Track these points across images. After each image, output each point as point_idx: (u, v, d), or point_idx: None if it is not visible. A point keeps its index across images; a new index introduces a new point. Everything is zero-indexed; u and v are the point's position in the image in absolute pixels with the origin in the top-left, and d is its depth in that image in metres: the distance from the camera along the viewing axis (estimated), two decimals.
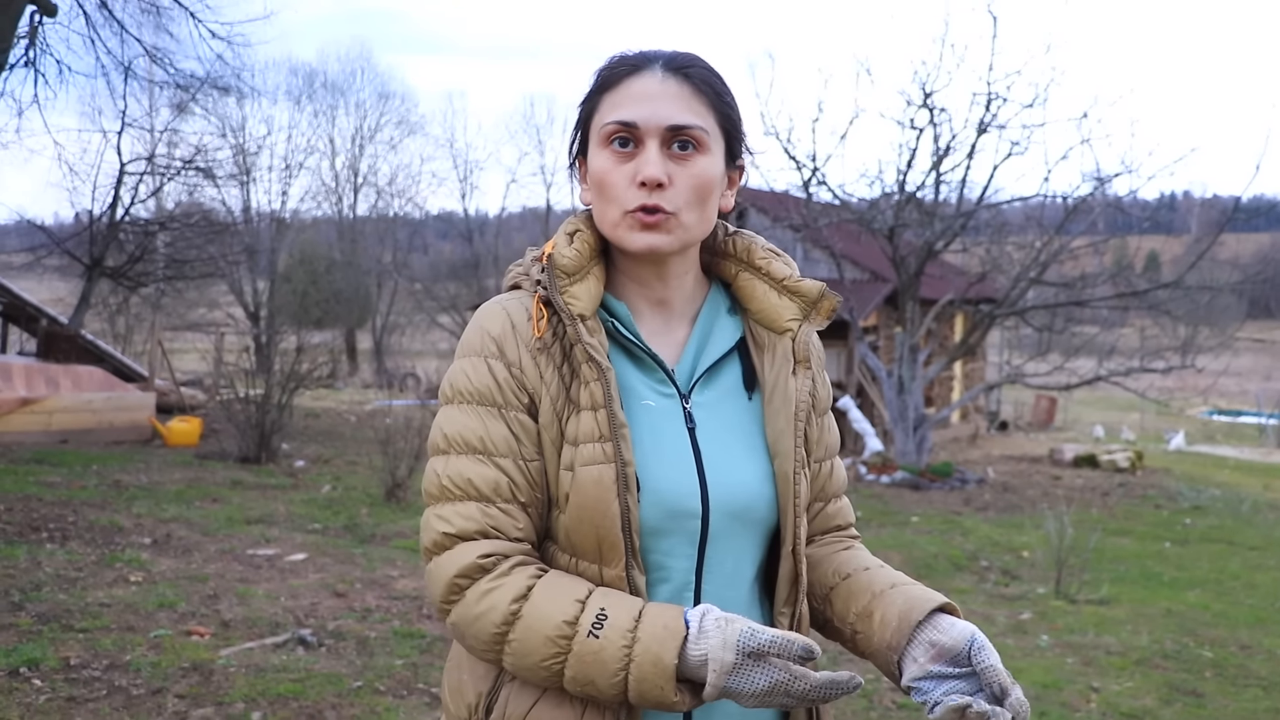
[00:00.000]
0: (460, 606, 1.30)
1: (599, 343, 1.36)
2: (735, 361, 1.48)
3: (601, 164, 1.39)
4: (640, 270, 1.45)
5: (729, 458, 1.41)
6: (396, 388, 28.12)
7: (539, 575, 1.30)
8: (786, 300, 1.47)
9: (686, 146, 1.37)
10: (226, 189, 28.07)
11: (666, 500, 1.35)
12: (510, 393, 1.36)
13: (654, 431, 1.38)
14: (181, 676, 4.61)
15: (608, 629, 1.23)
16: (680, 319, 1.48)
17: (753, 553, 1.43)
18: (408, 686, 4.74)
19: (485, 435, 1.34)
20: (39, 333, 16.70)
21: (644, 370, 1.42)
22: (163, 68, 14.53)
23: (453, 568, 1.30)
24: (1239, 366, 28.83)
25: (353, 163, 40.93)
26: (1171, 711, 5.11)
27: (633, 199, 1.36)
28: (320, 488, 10.43)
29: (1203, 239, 17.92)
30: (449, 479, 1.34)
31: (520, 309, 1.40)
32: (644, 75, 1.39)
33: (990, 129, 15.27)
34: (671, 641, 1.22)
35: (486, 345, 1.38)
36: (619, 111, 1.37)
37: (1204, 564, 9.39)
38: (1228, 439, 28.06)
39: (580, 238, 1.42)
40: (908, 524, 10.61)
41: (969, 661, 1.31)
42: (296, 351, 13.66)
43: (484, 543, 1.31)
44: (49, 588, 5.85)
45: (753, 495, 1.40)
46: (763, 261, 1.49)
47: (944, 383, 21.55)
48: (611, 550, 1.32)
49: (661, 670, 1.21)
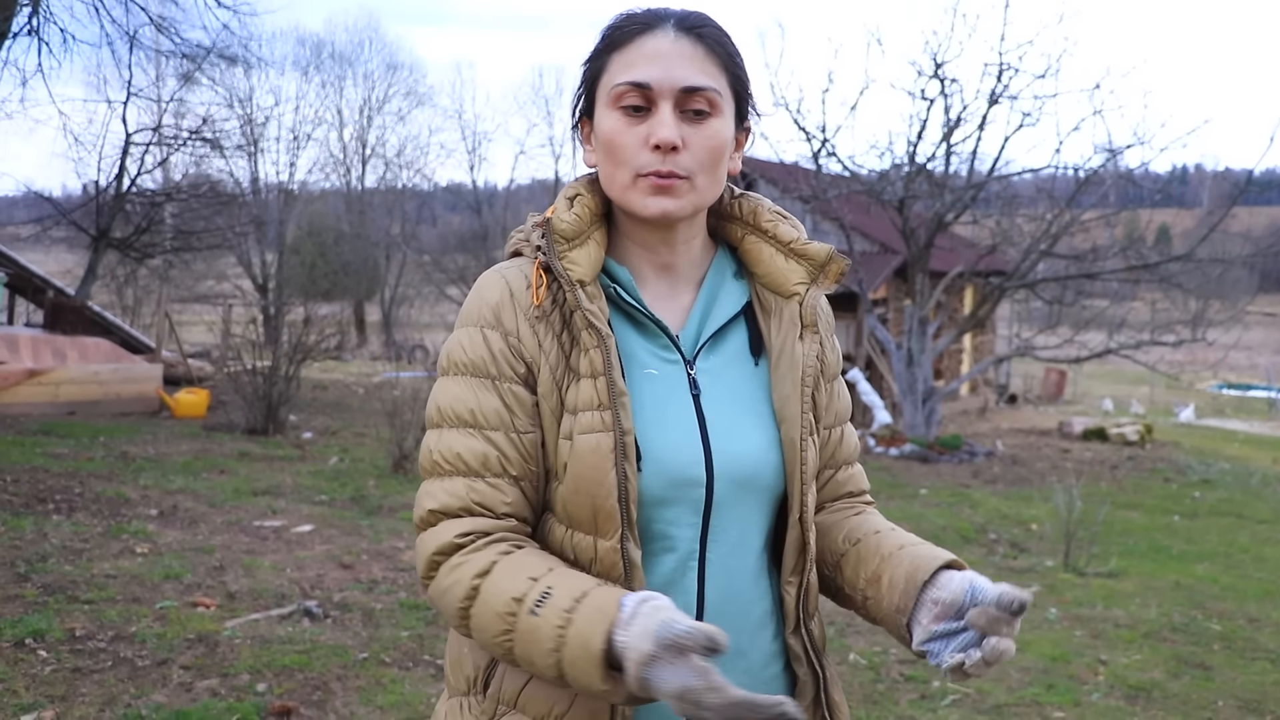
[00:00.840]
0: (435, 581, 1.29)
1: (599, 309, 1.32)
2: (741, 326, 1.44)
3: (612, 125, 1.34)
4: (646, 235, 1.41)
5: (734, 424, 1.37)
6: (405, 359, 28.19)
7: (508, 552, 1.27)
8: (794, 263, 1.44)
9: (700, 109, 1.33)
10: (234, 160, 28.03)
11: (669, 469, 1.32)
12: (505, 363, 1.33)
13: (656, 399, 1.35)
14: (187, 648, 4.61)
15: (547, 608, 1.19)
16: (686, 283, 1.44)
17: (760, 521, 1.39)
18: (413, 658, 4.73)
19: (476, 408, 1.32)
20: (46, 304, 16.70)
21: (647, 336, 1.38)
22: (168, 37, 14.48)
23: (433, 544, 1.29)
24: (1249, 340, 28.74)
25: (361, 134, 40.92)
26: (1180, 684, 5.09)
27: (645, 162, 1.32)
28: (327, 459, 10.42)
29: (1214, 212, 17.80)
30: (439, 453, 1.32)
31: (519, 276, 1.37)
32: (656, 34, 1.34)
33: (1002, 100, 15.17)
34: (602, 624, 1.16)
35: (483, 315, 1.35)
36: (631, 72, 1.33)
37: (1213, 537, 9.36)
38: (1237, 413, 28.02)
39: (581, 202, 1.38)
40: (916, 497, 10.59)
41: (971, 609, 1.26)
42: (304, 323, 13.64)
43: (464, 520, 1.29)
44: (55, 559, 5.85)
45: (758, 462, 1.37)
46: (769, 224, 1.45)
47: (953, 355, 21.49)
48: (607, 521, 1.29)
49: (589, 654, 1.15)
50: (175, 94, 19.91)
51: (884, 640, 5.30)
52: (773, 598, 1.42)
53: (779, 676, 1.43)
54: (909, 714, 4.50)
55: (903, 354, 15.45)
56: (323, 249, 35.43)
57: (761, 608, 1.40)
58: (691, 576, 1.34)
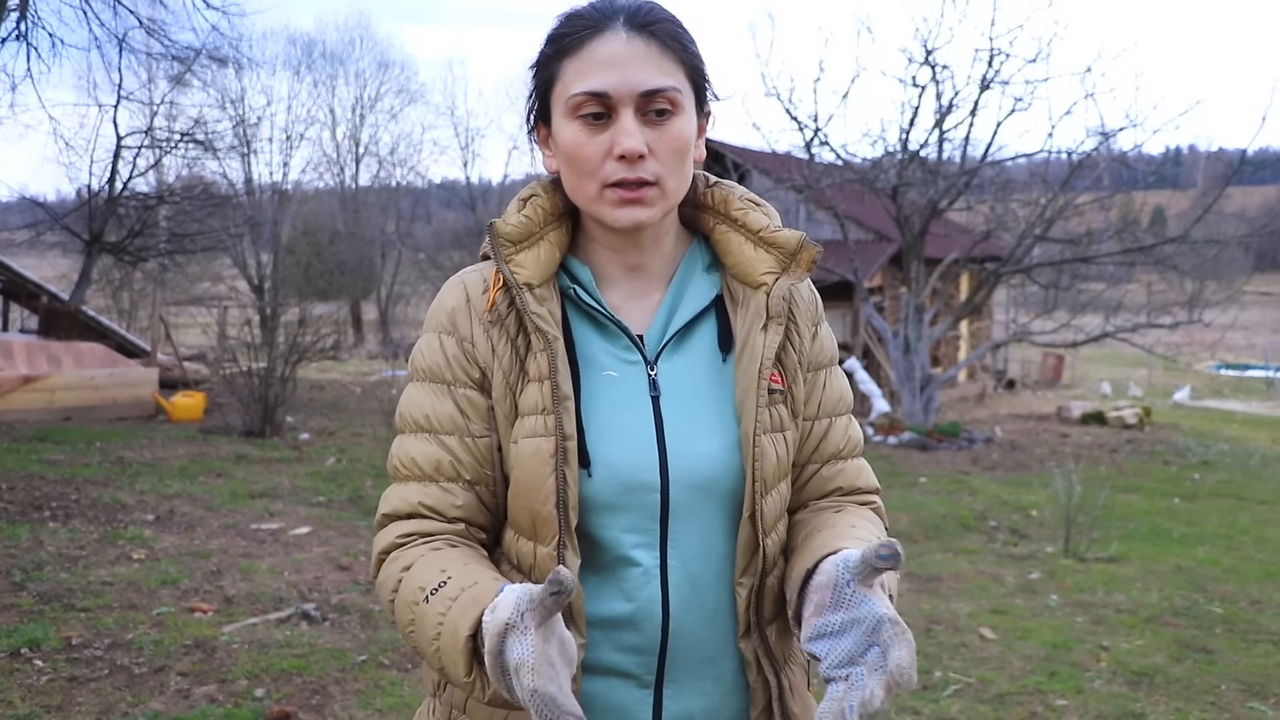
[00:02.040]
0: (377, 579, 1.31)
1: (547, 311, 1.30)
2: (711, 321, 1.39)
3: (572, 137, 1.29)
4: (614, 238, 1.37)
5: (693, 426, 1.32)
6: (401, 358, 28.13)
7: (438, 549, 1.26)
8: (763, 252, 1.37)
9: (662, 110, 1.29)
10: (227, 161, 27.86)
11: (620, 474, 1.28)
12: (459, 368, 1.32)
13: (612, 403, 1.31)
14: (184, 654, 4.59)
15: (437, 596, 1.18)
16: (657, 280, 1.40)
17: (723, 525, 1.33)
18: (412, 660, 4.71)
19: (431, 413, 1.32)
20: (40, 310, 16.67)
21: (608, 338, 1.35)
22: (158, 39, 14.42)
23: (379, 545, 1.31)
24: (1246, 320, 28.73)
25: (354, 133, 40.83)
26: (1182, 668, 5.07)
27: (611, 172, 1.28)
28: (324, 460, 10.40)
29: (1209, 193, 17.75)
30: (399, 459, 1.34)
31: (478, 280, 1.35)
32: (607, 36, 1.28)
33: (993, 85, 15.15)
34: (472, 610, 1.12)
35: (440, 320, 1.35)
36: (586, 80, 1.27)
37: (1213, 519, 9.35)
38: (1235, 393, 28.03)
39: (535, 203, 1.35)
40: (916, 485, 10.58)
41: (847, 600, 1.14)
42: (300, 324, 13.61)
43: (409, 522, 1.30)
44: (51, 567, 5.82)
45: (717, 465, 1.31)
46: (739, 212, 1.40)
47: (950, 342, 21.48)
48: (545, 526, 1.26)
49: (456, 642, 1.12)
50: (166, 96, 19.82)
51: None
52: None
53: (738, 683, 1.37)
54: (910, 704, 4.48)
55: (899, 342, 15.43)
56: (318, 248, 35.37)
57: (733, 614, 1.35)
58: (655, 585, 1.30)
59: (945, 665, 4.97)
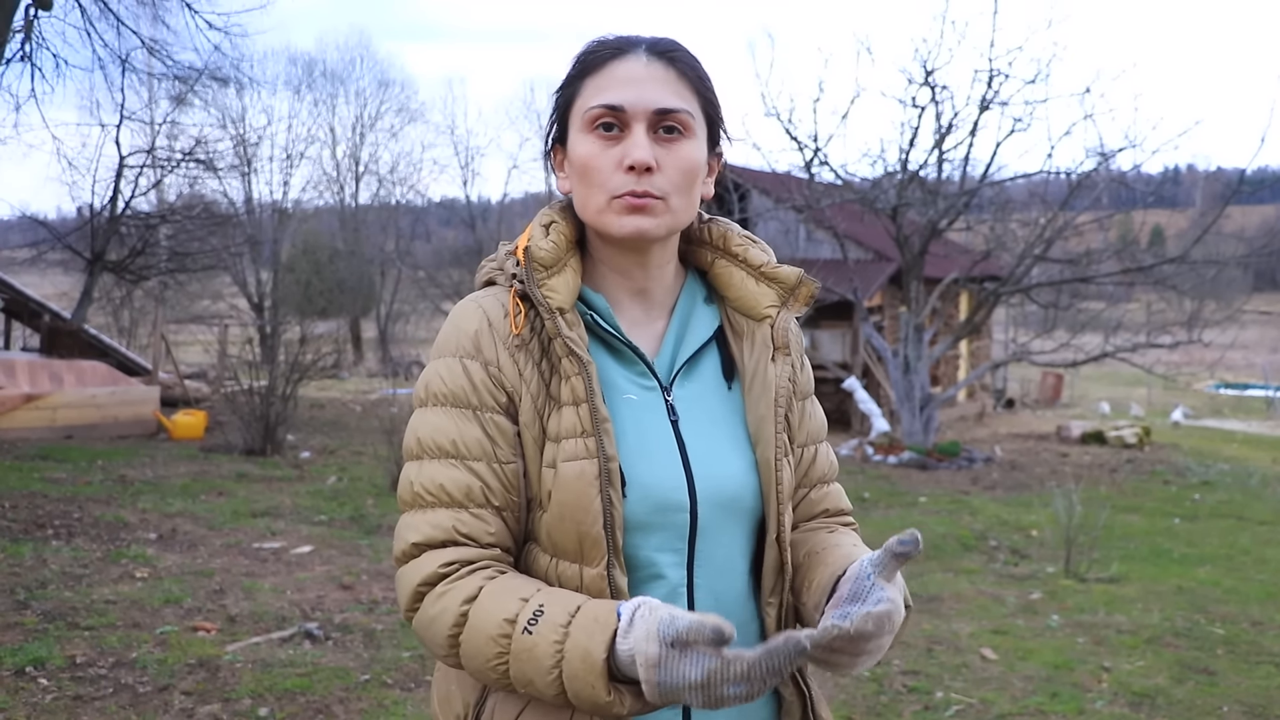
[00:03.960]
0: (420, 612, 1.28)
1: (579, 336, 1.32)
2: (714, 351, 1.45)
3: (586, 149, 1.35)
4: (621, 260, 1.41)
5: (713, 449, 1.38)
6: (401, 376, 28.15)
7: (493, 577, 1.27)
8: (764, 287, 1.45)
9: (673, 130, 1.34)
10: (228, 180, 28.03)
11: (654, 495, 1.32)
12: (486, 393, 1.33)
13: (638, 425, 1.35)
14: (188, 673, 4.59)
15: (541, 624, 1.19)
16: (660, 309, 1.45)
17: (743, 544, 1.40)
18: (415, 679, 4.72)
19: (459, 438, 1.31)
20: (42, 328, 16.69)
21: (624, 363, 1.39)
22: (160, 60, 14.49)
23: (417, 576, 1.28)
24: (1245, 339, 28.78)
25: (354, 151, 40.97)
26: (1184, 690, 5.08)
27: (620, 184, 1.33)
28: (326, 479, 10.41)
29: (1208, 213, 17.83)
30: (421, 485, 1.31)
31: (496, 305, 1.37)
32: (628, 59, 1.35)
33: (992, 106, 15.21)
34: (600, 635, 1.15)
35: (462, 345, 1.35)
36: (604, 95, 1.33)
37: (1214, 540, 9.36)
38: (1235, 412, 28.03)
39: (556, 229, 1.39)
40: (915, 504, 10.58)
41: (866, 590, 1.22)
42: (300, 342, 13.64)
43: (448, 550, 1.28)
44: (54, 585, 5.83)
45: (739, 485, 1.37)
46: (739, 249, 1.46)
47: (950, 361, 21.51)
48: (593, 548, 1.28)
49: (590, 666, 1.15)
50: (168, 116, 19.96)
51: (887, 652, 5.28)
52: (761, 620, 1.42)
53: (769, 699, 1.43)
54: None
55: (899, 361, 15.45)
56: (318, 267, 35.43)
57: (752, 630, 1.40)
58: (682, 602, 1.34)
59: (947, 686, 4.97)
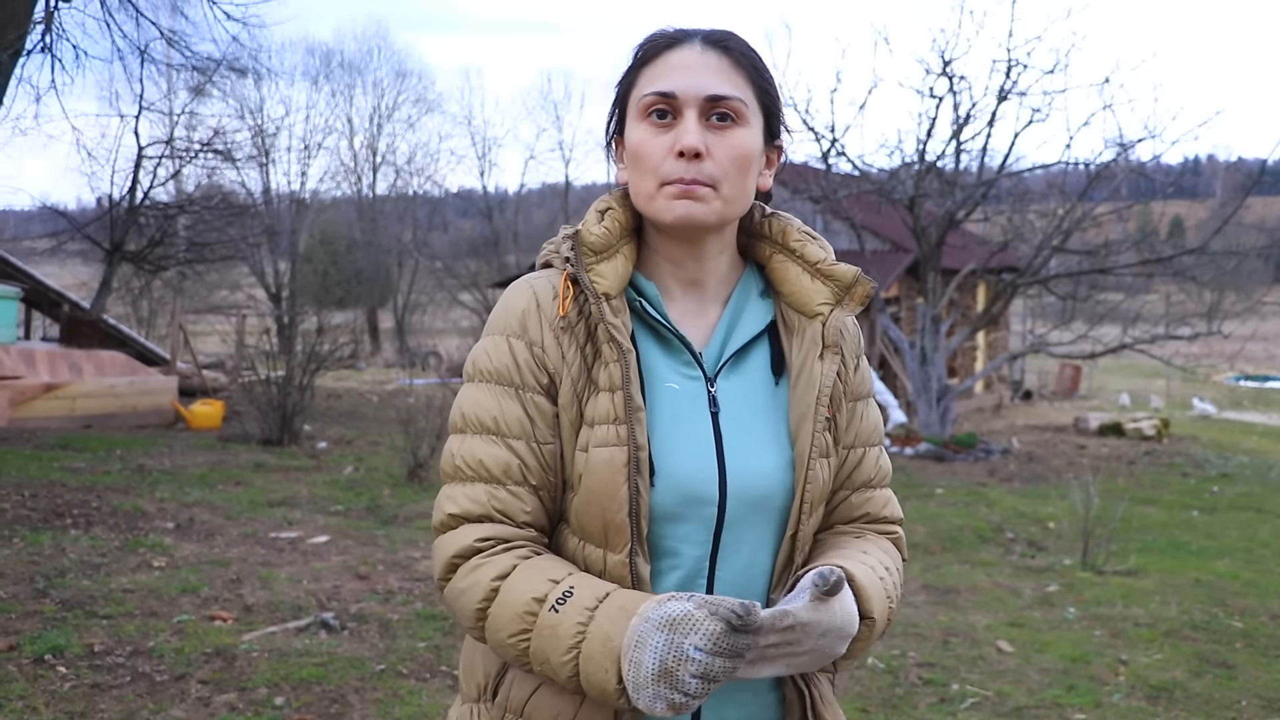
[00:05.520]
0: (452, 583, 1.31)
1: (622, 323, 1.33)
2: (764, 345, 1.44)
3: (639, 136, 1.36)
4: (674, 249, 1.42)
5: (751, 444, 1.37)
6: (418, 366, 28.23)
7: (527, 557, 1.29)
8: (819, 284, 1.44)
9: (725, 118, 1.35)
10: (246, 171, 28.17)
11: (683, 485, 1.32)
12: (529, 373, 1.34)
13: (675, 415, 1.35)
14: (205, 662, 4.62)
15: (569, 605, 1.22)
16: (713, 300, 1.45)
17: (771, 542, 1.39)
18: (430, 669, 4.73)
19: (500, 415, 1.33)
20: (61, 318, 16.80)
21: (670, 352, 1.39)
22: (179, 51, 14.49)
23: (452, 548, 1.31)
24: (1265, 331, 28.53)
25: (371, 142, 41.00)
26: (1202, 684, 5.05)
27: (670, 170, 1.34)
28: (342, 469, 10.45)
29: (1228, 204, 17.66)
30: (462, 459, 1.33)
31: (547, 287, 1.38)
32: (683, 48, 1.37)
33: (1011, 96, 15.10)
34: (624, 621, 1.18)
35: (509, 323, 1.36)
36: (657, 83, 1.35)
37: (1233, 532, 9.30)
38: (1255, 404, 27.85)
39: (611, 215, 1.40)
40: (932, 496, 10.56)
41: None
42: (318, 332, 13.68)
43: (485, 525, 1.31)
44: (73, 574, 5.87)
45: (772, 483, 1.37)
46: (798, 244, 1.46)
47: (967, 353, 21.42)
48: (617, 534, 1.30)
49: (608, 650, 1.17)
50: (187, 107, 20.03)
51: (902, 644, 5.27)
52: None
53: (775, 700, 1.43)
54: (928, 717, 4.47)
55: (916, 352, 15.40)
56: (335, 257, 35.55)
57: None
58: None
59: (963, 678, 4.96)
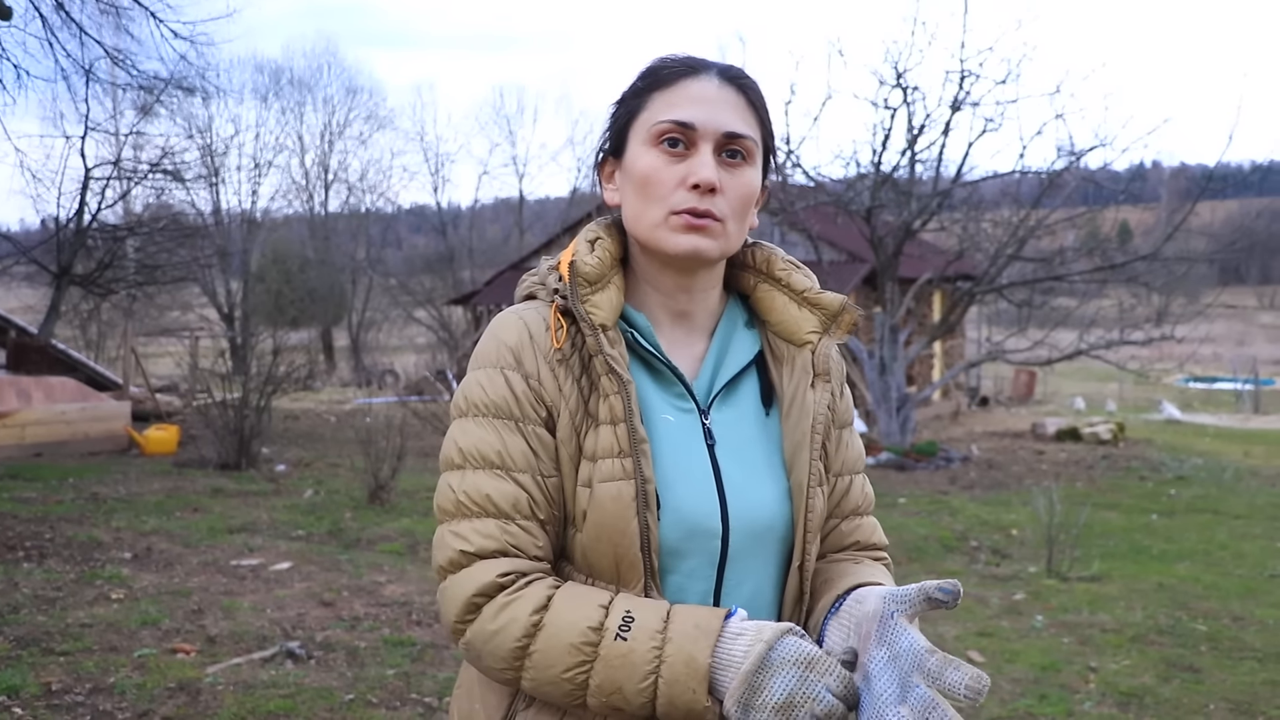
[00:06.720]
0: (476, 624, 1.24)
1: (620, 354, 1.31)
2: (753, 376, 1.43)
3: (650, 162, 1.34)
4: (667, 280, 1.40)
5: (748, 475, 1.35)
6: (375, 385, 27.98)
7: (558, 586, 1.26)
8: (806, 312, 1.43)
9: (736, 155, 1.35)
10: (195, 190, 27.71)
11: (688, 519, 1.30)
12: (528, 405, 1.31)
13: (674, 448, 1.33)
14: (168, 697, 4.50)
15: (636, 630, 1.19)
16: (700, 332, 1.43)
17: (773, 574, 1.37)
18: (400, 697, 4.65)
19: (503, 449, 1.29)
20: (8, 344, 16.45)
21: (663, 384, 1.37)
22: (125, 69, 14.26)
23: (471, 586, 1.25)
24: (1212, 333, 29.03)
25: (323, 159, 40.69)
26: (1170, 688, 5.08)
27: (680, 200, 1.32)
28: (302, 492, 10.30)
29: (1177, 210, 17.94)
30: (465, 494, 1.28)
31: (538, 319, 1.35)
32: (700, 79, 1.36)
33: (964, 106, 15.25)
34: (705, 640, 1.17)
35: (503, 356, 1.33)
36: (676, 111, 1.33)
37: (1192, 535, 9.41)
38: (1205, 406, 28.28)
39: (601, 245, 1.38)
40: (895, 505, 10.59)
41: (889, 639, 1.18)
42: (273, 354, 13.51)
43: (504, 560, 1.26)
44: (27, 609, 5.72)
45: (772, 515, 1.35)
46: (783, 273, 1.45)
47: (924, 361, 21.58)
48: (630, 570, 1.27)
49: (694, 671, 1.16)
50: (134, 126, 19.68)
51: None
52: None
53: None
54: None
55: (875, 362, 15.48)
56: (288, 276, 35.17)
57: None
58: None
59: None
